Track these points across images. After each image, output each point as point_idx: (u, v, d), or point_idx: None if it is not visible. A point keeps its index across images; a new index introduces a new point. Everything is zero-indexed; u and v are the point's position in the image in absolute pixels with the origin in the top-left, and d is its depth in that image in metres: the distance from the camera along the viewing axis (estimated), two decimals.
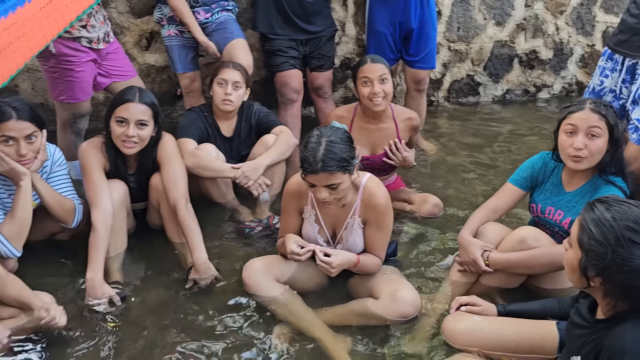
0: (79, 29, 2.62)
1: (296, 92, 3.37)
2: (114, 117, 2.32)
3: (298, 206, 2.18)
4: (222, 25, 3.16)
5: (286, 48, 3.32)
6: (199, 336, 2.04)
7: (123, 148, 2.34)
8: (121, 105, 2.32)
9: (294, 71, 3.35)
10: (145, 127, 2.34)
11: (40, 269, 2.38)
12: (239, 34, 3.19)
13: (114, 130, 2.33)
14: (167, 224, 2.51)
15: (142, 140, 2.35)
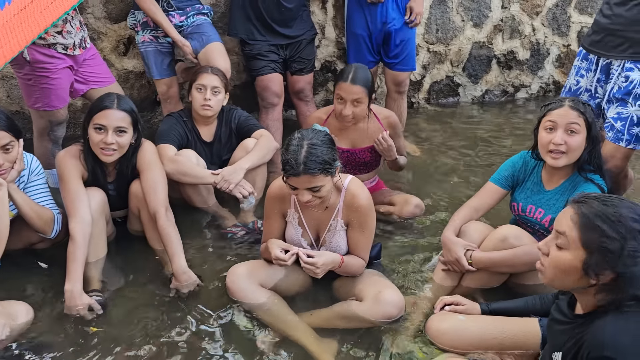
0: (54, 35, 2.58)
1: (277, 96, 3.37)
2: (92, 124, 2.29)
3: (281, 210, 2.17)
4: (198, 28, 3.15)
5: (266, 52, 3.32)
6: (182, 343, 2.02)
7: (102, 156, 2.31)
8: (99, 112, 2.28)
9: (274, 75, 3.35)
10: (124, 134, 2.31)
11: (20, 277, 2.34)
12: (215, 37, 3.17)
13: (92, 137, 2.29)
14: (147, 231, 2.49)
15: (121, 147, 2.32)
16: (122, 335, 2.05)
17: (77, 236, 2.20)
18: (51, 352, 1.96)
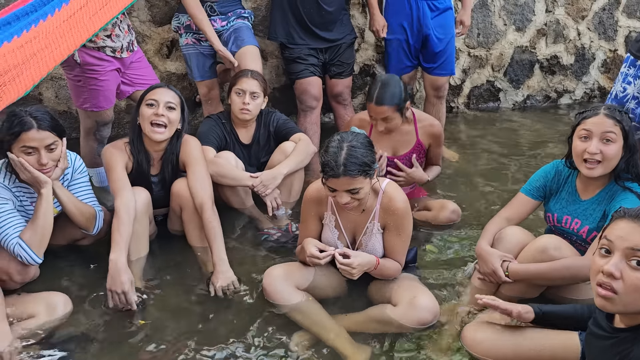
0: (104, 39, 2.67)
1: (315, 99, 3.39)
2: (144, 102, 2.41)
3: (318, 212, 2.19)
4: (235, 32, 3.20)
5: (306, 56, 3.34)
6: (217, 342, 2.05)
7: (152, 133, 2.39)
8: (151, 91, 2.44)
9: (313, 78, 3.37)
10: (174, 110, 2.41)
11: (62, 272, 2.42)
12: (250, 40, 3.21)
13: (144, 113, 2.39)
14: (188, 229, 2.54)
15: (171, 124, 2.41)
16: (159, 334, 2.09)
17: (122, 212, 2.27)
18: (92, 344, 2.03)
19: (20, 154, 2.11)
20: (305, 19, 3.29)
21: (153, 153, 2.51)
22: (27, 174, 2.12)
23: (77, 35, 2.25)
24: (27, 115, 2.10)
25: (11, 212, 2.14)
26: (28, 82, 2.09)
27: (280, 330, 2.09)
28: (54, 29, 2.20)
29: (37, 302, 2.07)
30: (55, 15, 2.21)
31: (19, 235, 2.10)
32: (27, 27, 2.15)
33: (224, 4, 3.17)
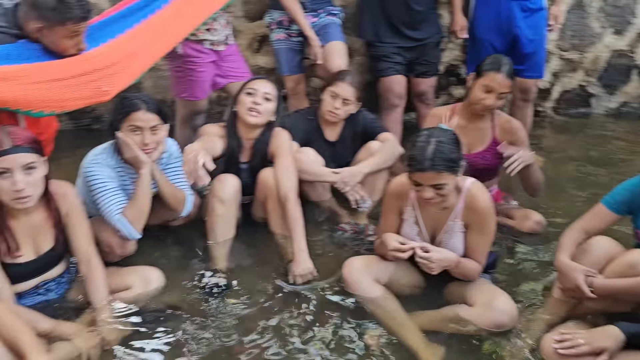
0: (204, 32, 2.83)
1: (399, 98, 3.40)
2: (244, 90, 2.56)
3: (398, 207, 2.21)
4: (324, 28, 3.26)
5: (391, 54, 3.36)
6: (293, 330, 2.12)
7: (248, 117, 2.53)
8: (252, 81, 2.62)
9: (398, 77, 3.38)
10: (270, 102, 2.55)
11: (156, 250, 2.59)
12: (338, 36, 3.26)
13: (242, 101, 2.55)
14: (271, 217, 2.64)
15: (267, 112, 2.54)
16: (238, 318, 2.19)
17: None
18: (180, 319, 2.16)
19: (128, 133, 2.28)
20: (394, 18, 3.31)
21: (245, 141, 2.64)
22: (130, 152, 2.29)
23: (182, 29, 2.42)
24: (136, 98, 2.28)
25: (115, 189, 2.32)
26: (137, 71, 2.27)
27: (354, 321, 2.14)
28: (161, 23, 2.37)
29: (133, 275, 2.24)
30: (163, 9, 2.38)
31: (121, 212, 2.28)
32: (137, 21, 2.32)
33: (315, 1, 3.25)
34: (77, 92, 2.07)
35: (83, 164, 2.39)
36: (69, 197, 2.11)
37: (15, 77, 1.92)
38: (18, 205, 1.89)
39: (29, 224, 2.01)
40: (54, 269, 2.14)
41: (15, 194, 1.85)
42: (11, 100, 1.88)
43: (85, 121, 3.95)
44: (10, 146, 1.83)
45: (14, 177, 1.83)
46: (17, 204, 1.88)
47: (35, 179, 1.90)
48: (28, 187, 1.86)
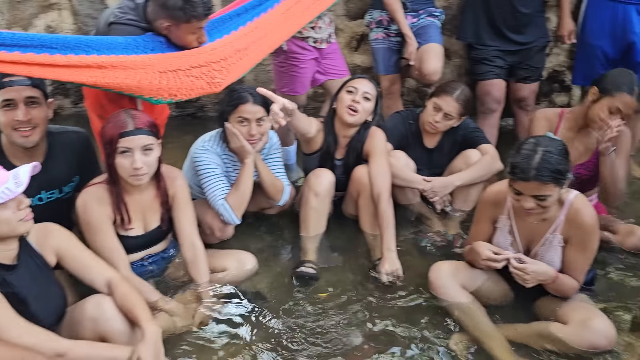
0: (309, 30, 2.92)
1: (497, 102, 3.32)
2: (344, 89, 2.62)
3: (493, 215, 2.17)
4: (423, 29, 3.23)
5: (493, 57, 3.28)
6: (375, 328, 2.14)
7: (347, 115, 2.58)
8: (353, 80, 2.66)
9: (497, 81, 3.30)
10: (369, 101, 2.59)
11: (251, 236, 2.72)
12: (436, 39, 3.22)
13: (342, 98, 2.60)
14: (362, 215, 2.68)
15: (365, 111, 2.59)
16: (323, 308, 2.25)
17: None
18: (269, 304, 2.27)
19: (235, 124, 2.42)
20: (498, 21, 3.23)
21: (341, 138, 2.69)
22: (237, 142, 2.42)
23: (290, 27, 2.52)
24: (244, 91, 2.42)
25: (220, 176, 2.47)
26: (247, 65, 2.40)
27: (439, 326, 2.14)
28: (271, 21, 2.48)
29: (230, 258, 2.37)
30: (274, 8, 2.49)
31: (225, 197, 2.42)
32: (250, 19, 2.45)
33: (416, 2, 3.24)
34: (193, 82, 2.22)
35: (193, 149, 2.56)
36: (177, 181, 2.28)
37: (142, 67, 2.10)
38: (135, 181, 2.07)
39: (141, 201, 2.19)
40: (158, 244, 2.32)
41: (133, 171, 2.02)
42: (136, 87, 2.07)
43: (190, 109, 4.20)
44: (132, 128, 2.01)
45: (134, 157, 2.01)
46: (135, 180, 2.06)
47: (151, 160, 2.07)
48: (145, 167, 2.03)
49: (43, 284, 1.81)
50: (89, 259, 1.92)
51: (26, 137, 2.07)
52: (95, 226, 2.09)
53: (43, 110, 2.10)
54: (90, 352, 1.68)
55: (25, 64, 1.84)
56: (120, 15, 2.26)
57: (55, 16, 4.10)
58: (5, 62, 1.80)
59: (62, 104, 4.34)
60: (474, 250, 2.14)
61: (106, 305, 1.83)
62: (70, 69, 1.93)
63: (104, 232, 2.10)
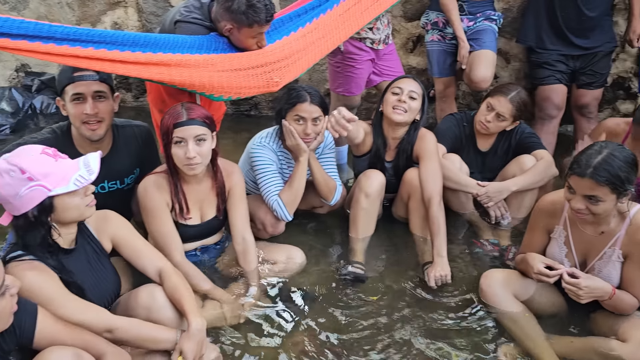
0: (366, 30, 2.92)
1: (557, 108, 3.23)
2: (390, 90, 2.59)
3: (547, 225, 2.11)
4: (478, 34, 3.18)
5: (554, 62, 3.20)
6: (421, 332, 2.12)
7: (393, 115, 2.56)
8: (398, 80, 2.63)
9: (558, 86, 3.21)
10: (415, 100, 2.56)
11: (301, 233, 2.75)
12: (490, 45, 3.16)
13: (388, 99, 2.58)
14: (412, 218, 2.67)
15: (411, 110, 2.55)
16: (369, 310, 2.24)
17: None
18: (316, 302, 2.28)
19: (292, 122, 2.46)
20: (561, 24, 3.14)
21: (390, 140, 2.68)
22: (292, 140, 2.46)
23: (348, 28, 2.53)
24: (302, 90, 2.46)
25: (275, 172, 2.52)
26: (305, 65, 2.43)
27: (488, 335, 2.10)
28: (330, 22, 2.51)
29: (280, 252, 2.42)
30: (334, 9, 2.51)
31: (278, 194, 2.47)
32: (310, 20, 2.48)
33: (474, 4, 3.19)
34: (253, 81, 2.28)
35: (250, 144, 2.62)
36: (235, 176, 2.34)
37: (204, 65, 2.18)
38: (188, 171, 2.14)
39: (198, 191, 2.27)
40: (213, 236, 2.39)
41: (186, 160, 2.10)
42: (199, 84, 2.14)
43: (245, 107, 4.29)
44: (186, 119, 2.09)
45: (188, 146, 2.09)
46: (188, 169, 2.13)
47: (204, 150, 2.13)
48: (198, 156, 2.10)
49: (97, 268, 1.90)
50: (143, 247, 2.00)
51: (93, 131, 2.17)
52: (153, 211, 2.18)
53: (109, 104, 2.20)
54: (139, 331, 1.75)
55: (98, 59, 1.94)
56: (185, 13, 2.34)
57: (121, 13, 4.28)
58: (80, 57, 1.90)
59: (125, 98, 4.53)
60: (526, 261, 2.09)
61: (158, 295, 1.90)
62: (138, 65, 2.02)
63: (161, 217, 2.18)
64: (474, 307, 2.23)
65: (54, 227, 1.72)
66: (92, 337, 1.62)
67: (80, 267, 1.83)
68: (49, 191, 1.62)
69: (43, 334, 1.54)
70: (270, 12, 2.22)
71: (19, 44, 1.78)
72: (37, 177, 1.60)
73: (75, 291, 1.74)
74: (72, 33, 1.88)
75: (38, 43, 1.80)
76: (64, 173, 1.64)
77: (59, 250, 1.76)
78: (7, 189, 1.59)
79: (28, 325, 1.52)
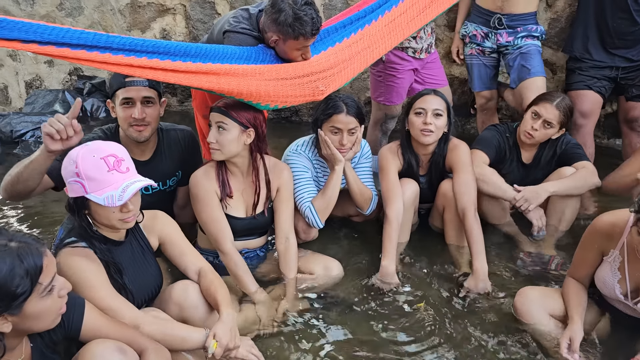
0: (409, 40, 2.92)
1: (583, 116, 3.12)
2: (412, 111, 2.55)
3: (603, 247, 1.99)
4: (524, 57, 3.10)
5: (589, 68, 3.11)
6: (453, 344, 2.09)
7: (421, 137, 2.53)
8: (419, 99, 2.56)
9: (587, 92, 3.12)
10: (440, 117, 2.52)
11: (336, 241, 2.77)
12: (538, 70, 3.08)
13: (413, 123, 2.54)
14: (448, 229, 2.65)
15: (437, 129, 2.52)
16: (406, 320, 2.23)
17: (392, 219, 2.48)
18: (351, 312, 2.27)
19: (327, 132, 2.49)
20: (611, 35, 3.05)
21: (422, 156, 2.66)
22: (327, 150, 2.49)
23: (393, 38, 2.53)
24: (339, 101, 2.48)
25: (309, 179, 2.56)
26: (350, 75, 2.45)
27: (521, 352, 2.05)
28: (376, 32, 2.52)
29: (317, 263, 2.43)
30: (379, 20, 2.52)
31: (311, 201, 2.50)
32: (355, 31, 2.51)
33: (513, 18, 3.10)
34: (299, 90, 2.32)
35: (286, 151, 2.67)
36: (284, 175, 2.42)
37: (252, 74, 2.23)
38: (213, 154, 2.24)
39: (242, 183, 2.35)
40: (258, 239, 2.45)
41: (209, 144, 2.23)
42: (246, 93, 2.20)
43: (285, 113, 4.36)
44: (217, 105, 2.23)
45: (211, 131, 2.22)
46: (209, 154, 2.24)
47: (224, 139, 2.21)
48: (215, 142, 2.21)
49: (141, 263, 1.96)
50: (187, 247, 2.06)
51: (139, 132, 2.25)
52: (203, 199, 2.26)
53: (156, 109, 2.28)
54: (164, 328, 1.77)
55: (151, 68, 2.02)
56: (234, 23, 2.41)
57: (170, 20, 4.42)
58: (134, 66, 1.98)
59: (170, 102, 4.67)
60: (570, 283, 2.04)
61: (191, 292, 1.94)
62: (189, 74, 2.09)
63: (211, 205, 2.27)
64: (510, 322, 2.18)
65: (92, 222, 1.80)
66: (134, 332, 1.67)
67: (124, 259, 1.90)
68: (86, 193, 1.71)
69: (89, 327, 1.60)
70: (316, 26, 2.25)
71: (78, 53, 1.87)
72: (82, 176, 1.70)
73: (115, 276, 1.81)
74: (127, 43, 1.97)
75: (96, 53, 1.89)
76: (103, 186, 1.71)
77: (106, 240, 1.84)
78: (64, 171, 1.75)
79: (76, 318, 1.58)
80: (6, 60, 5.03)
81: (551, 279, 2.45)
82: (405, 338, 2.14)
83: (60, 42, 1.83)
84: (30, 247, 1.37)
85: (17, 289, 1.33)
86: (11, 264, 1.32)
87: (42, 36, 1.79)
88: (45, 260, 1.39)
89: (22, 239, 1.39)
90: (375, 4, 2.55)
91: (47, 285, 1.40)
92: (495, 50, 3.18)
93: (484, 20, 3.15)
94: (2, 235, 1.37)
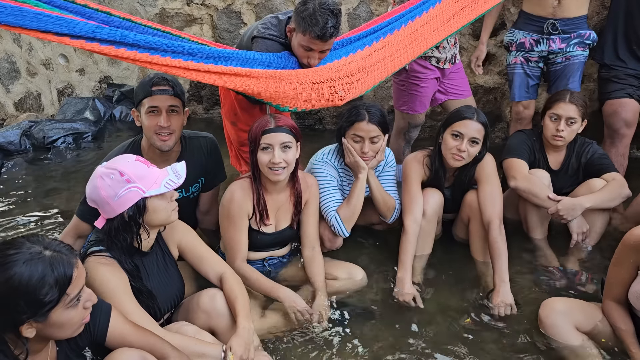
0: (433, 49, 2.91)
1: (626, 125, 3.07)
2: (449, 130, 2.50)
3: (638, 261, 1.94)
4: (569, 69, 3.08)
5: (625, 76, 3.06)
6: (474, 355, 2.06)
7: (452, 160, 2.50)
8: (459, 121, 2.48)
9: (628, 100, 3.07)
10: (476, 145, 2.48)
11: (359, 249, 2.77)
12: (576, 84, 3.07)
13: (447, 143, 2.49)
14: (473, 241, 2.62)
15: (470, 156, 2.49)
16: (427, 329, 2.21)
17: (410, 231, 2.48)
18: (371, 320, 2.27)
19: (350, 140, 2.50)
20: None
21: (449, 169, 2.62)
22: (351, 157, 2.50)
23: (416, 48, 2.54)
24: (362, 108, 2.49)
25: (334, 188, 2.57)
26: (370, 83, 2.47)
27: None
28: (398, 41, 2.54)
29: (341, 268, 2.45)
30: (401, 29, 2.54)
31: (336, 210, 2.50)
32: (377, 39, 2.53)
33: (567, 22, 3.06)
34: (318, 94, 2.36)
35: (312, 160, 2.69)
36: (313, 188, 2.44)
37: (272, 77, 2.28)
38: (273, 176, 2.22)
39: (277, 201, 2.36)
40: (283, 248, 2.47)
41: (271, 164, 2.19)
42: (265, 94, 2.25)
43: (309, 121, 4.38)
44: (274, 126, 2.19)
45: (274, 152, 2.18)
46: (273, 175, 2.22)
47: (289, 157, 2.21)
48: (283, 162, 2.20)
49: (164, 272, 2.00)
50: (206, 253, 2.09)
51: (164, 142, 2.29)
52: (233, 217, 2.28)
53: (180, 118, 2.32)
54: (181, 342, 1.77)
55: (176, 67, 2.09)
56: (262, 30, 2.48)
57: (197, 29, 4.50)
58: (159, 65, 2.07)
59: (196, 110, 4.74)
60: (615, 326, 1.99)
61: (219, 301, 1.97)
62: (210, 74, 2.16)
63: (239, 226, 2.28)
64: (534, 337, 2.14)
65: (145, 228, 1.83)
66: (158, 340, 1.69)
67: (150, 269, 1.94)
68: (144, 193, 1.76)
69: (114, 334, 1.62)
70: (325, 32, 2.28)
71: (106, 49, 1.96)
72: (133, 179, 1.74)
73: (144, 291, 1.85)
74: (153, 42, 2.06)
75: (123, 49, 1.99)
76: (155, 177, 1.79)
77: (137, 252, 1.88)
78: (108, 190, 1.73)
79: (102, 324, 1.61)
80: (40, 69, 5.19)
81: (576, 293, 2.40)
82: (427, 349, 2.12)
83: (90, 37, 1.91)
84: (62, 257, 1.39)
85: (45, 297, 1.35)
86: (43, 272, 1.35)
87: (74, 30, 1.88)
88: (76, 272, 1.42)
89: (57, 247, 1.41)
90: (399, 15, 2.58)
91: (75, 297, 1.42)
92: (543, 58, 3.14)
93: (535, 27, 3.10)
94: (38, 243, 1.40)
